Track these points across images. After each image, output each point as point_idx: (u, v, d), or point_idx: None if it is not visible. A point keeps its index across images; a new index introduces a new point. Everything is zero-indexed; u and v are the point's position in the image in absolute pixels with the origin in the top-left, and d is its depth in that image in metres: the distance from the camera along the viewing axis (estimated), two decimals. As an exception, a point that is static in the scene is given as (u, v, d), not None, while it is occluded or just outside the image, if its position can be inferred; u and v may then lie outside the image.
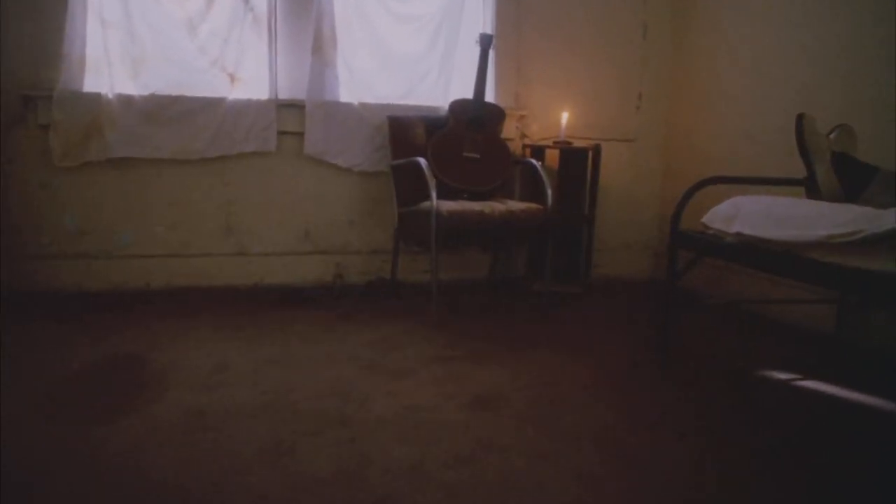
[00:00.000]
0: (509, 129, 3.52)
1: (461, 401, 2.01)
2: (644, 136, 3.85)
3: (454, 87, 3.46)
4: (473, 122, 3.18)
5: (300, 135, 3.30)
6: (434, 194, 2.66)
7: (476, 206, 2.78)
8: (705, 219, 2.14)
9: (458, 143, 3.12)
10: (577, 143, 3.50)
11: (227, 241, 3.34)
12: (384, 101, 3.37)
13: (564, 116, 3.44)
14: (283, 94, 3.31)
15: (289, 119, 3.30)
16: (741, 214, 1.97)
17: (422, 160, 2.79)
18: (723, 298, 3.27)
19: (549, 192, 2.89)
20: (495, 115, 3.24)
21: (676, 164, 3.82)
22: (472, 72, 3.36)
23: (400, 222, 3.10)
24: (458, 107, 3.21)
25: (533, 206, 2.87)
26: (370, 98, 3.36)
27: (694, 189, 2.34)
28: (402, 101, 3.40)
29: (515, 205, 2.87)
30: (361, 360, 2.33)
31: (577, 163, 3.45)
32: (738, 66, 3.32)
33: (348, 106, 3.33)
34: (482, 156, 3.11)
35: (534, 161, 3.06)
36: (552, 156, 3.51)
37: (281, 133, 3.29)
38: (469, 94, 3.29)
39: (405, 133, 3.20)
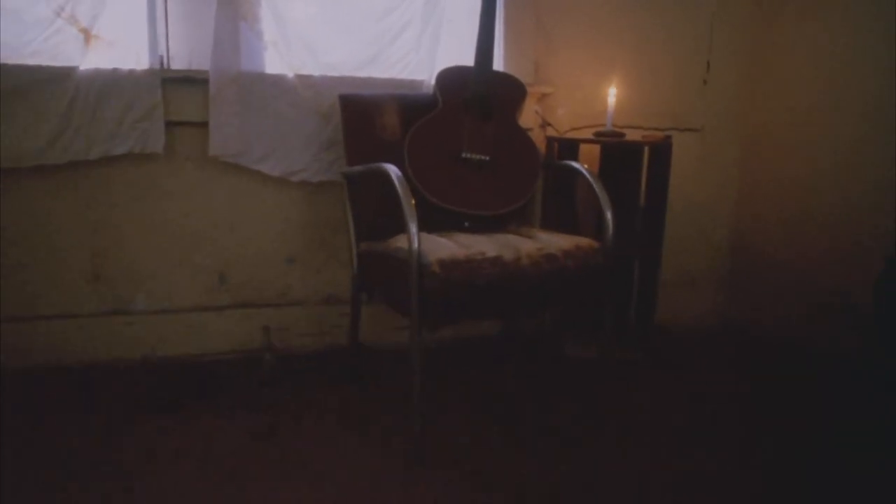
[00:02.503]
0: (526, 116, 2.31)
1: None
2: (714, 124, 2.65)
3: (444, 51, 2.24)
4: (477, 102, 1.95)
5: (204, 126, 2.07)
6: (413, 228, 1.45)
7: (488, 245, 1.57)
8: None
9: (454, 136, 1.90)
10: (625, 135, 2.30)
11: (94, 292, 2.10)
12: (336, 74, 2.14)
13: (612, 94, 2.23)
14: (177, 63, 2.08)
15: (184, 102, 2.05)
16: None
17: (391, 168, 1.58)
18: None
19: (610, 215, 1.69)
20: (511, 91, 2.01)
21: (760, 163, 2.64)
22: (470, 28, 2.15)
23: (360, 267, 1.88)
24: (452, 79, 1.98)
25: (584, 242, 1.67)
26: (314, 68, 2.12)
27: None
28: (363, 73, 2.17)
29: (554, 241, 1.66)
30: None
31: (629, 165, 2.25)
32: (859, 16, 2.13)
33: (279, 80, 2.09)
34: (493, 157, 1.89)
35: (577, 165, 1.85)
36: (588, 155, 2.31)
37: (173, 124, 2.05)
38: (466, 60, 2.07)
39: (368, 121, 1.97)
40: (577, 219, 2.16)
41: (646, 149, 2.26)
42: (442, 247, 1.54)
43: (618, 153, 2.25)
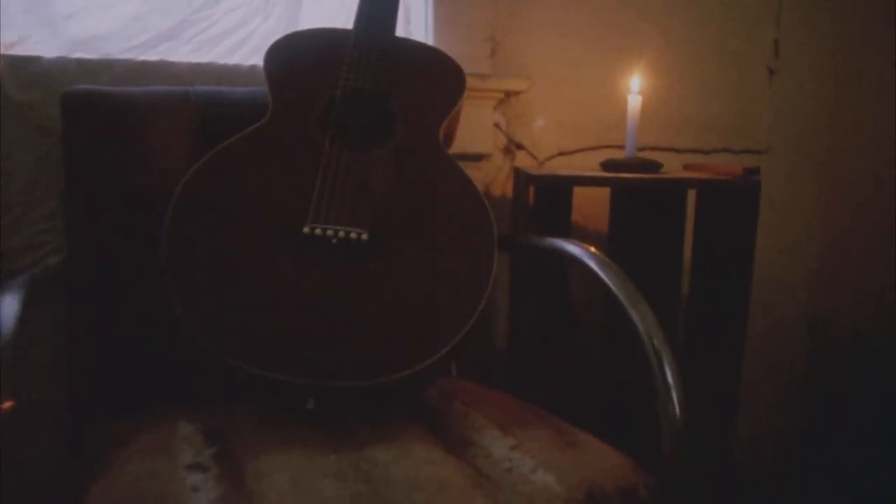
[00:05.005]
0: (473, 131, 1.26)
1: None
2: (785, 141, 1.60)
3: (316, 16, 1.18)
4: (352, 107, 0.85)
5: None
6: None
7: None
8: None
9: (289, 186, 0.79)
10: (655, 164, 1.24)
11: None
12: (97, 55, 1.08)
13: (634, 90, 1.17)
14: None
15: None
16: None
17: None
18: None
19: (673, 384, 0.63)
20: (432, 81, 0.90)
21: (851, 204, 1.61)
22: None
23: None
24: (299, 58, 0.89)
25: (606, 470, 0.60)
26: (48, 45, 1.05)
27: None
28: (154, 54, 1.11)
29: (536, 479, 0.59)
30: None
31: (662, 221, 1.20)
32: None
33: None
34: (382, 234, 0.77)
35: (582, 252, 0.76)
36: (586, 200, 1.25)
37: None
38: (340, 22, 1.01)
39: (122, 147, 0.88)
40: (571, 355, 1.09)
41: (691, 194, 1.20)
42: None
43: (644, 201, 1.19)
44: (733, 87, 1.53)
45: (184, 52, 1.11)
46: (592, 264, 0.72)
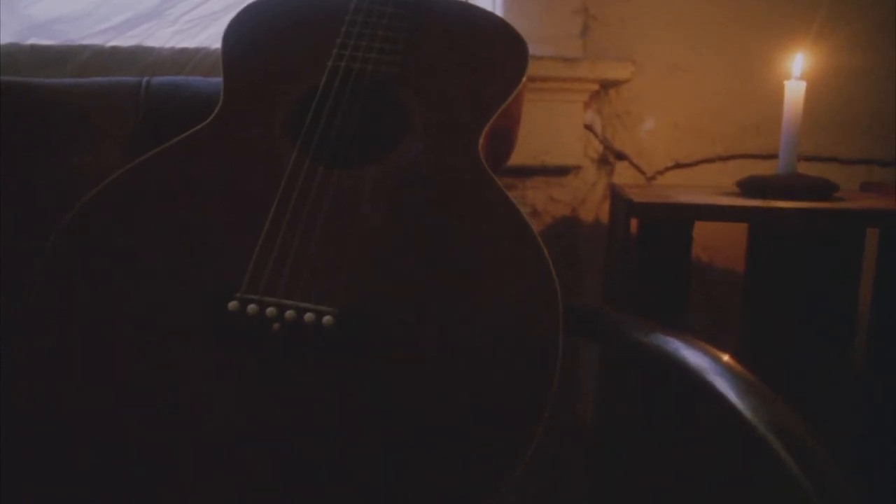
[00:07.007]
0: (556, 132, 0.92)
1: None
2: None
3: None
4: (339, 102, 0.53)
5: None
6: None
7: None
8: None
9: (214, 230, 0.47)
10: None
11: None
12: (57, 41, 0.83)
13: (797, 68, 0.78)
14: None
15: None
16: None
17: None
18: None
19: None
20: (466, 60, 0.57)
21: None
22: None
23: None
24: (274, 27, 0.59)
25: None
26: (3, 29, 0.82)
27: None
28: (130, 37, 0.85)
29: None
30: None
31: (830, 266, 0.80)
32: None
33: None
34: (362, 324, 0.43)
35: (701, 358, 0.40)
36: (712, 230, 0.88)
37: None
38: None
39: (30, 166, 0.62)
40: None
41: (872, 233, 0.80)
42: None
43: (803, 237, 0.80)
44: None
45: (167, 35, 0.84)
46: (737, 401, 0.35)
